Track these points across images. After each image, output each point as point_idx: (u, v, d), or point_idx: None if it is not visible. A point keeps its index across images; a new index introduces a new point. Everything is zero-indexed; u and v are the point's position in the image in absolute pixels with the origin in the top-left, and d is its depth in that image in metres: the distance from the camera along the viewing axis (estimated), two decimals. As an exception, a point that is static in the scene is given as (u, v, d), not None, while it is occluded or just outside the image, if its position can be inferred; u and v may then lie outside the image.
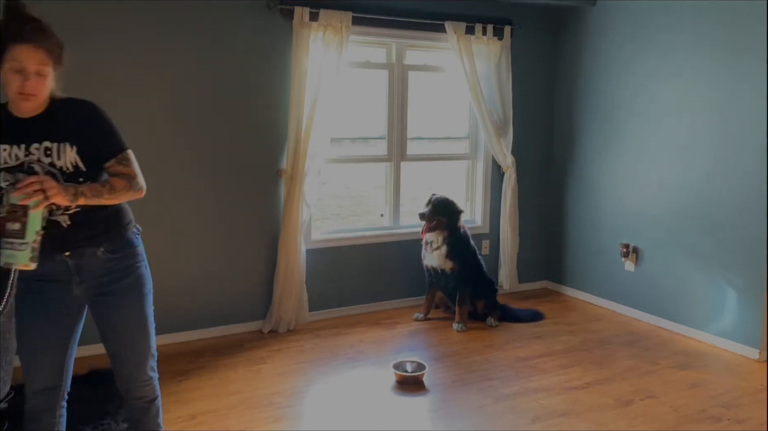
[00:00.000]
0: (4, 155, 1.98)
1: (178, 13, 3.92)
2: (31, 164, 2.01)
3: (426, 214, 4.43)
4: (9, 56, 1.93)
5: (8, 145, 1.99)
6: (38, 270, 1.98)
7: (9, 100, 2.01)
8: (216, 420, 3.13)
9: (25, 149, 2.01)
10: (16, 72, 1.94)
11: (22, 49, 1.95)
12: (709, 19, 4.16)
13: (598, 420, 3.19)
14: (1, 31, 1.94)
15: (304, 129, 4.21)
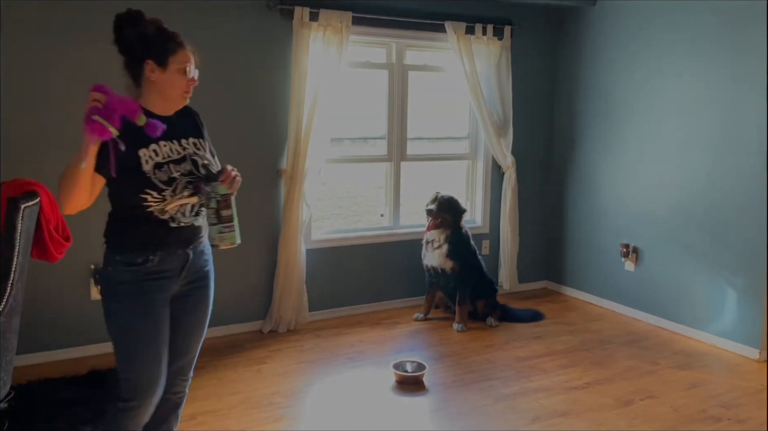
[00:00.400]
0: (166, 150, 2.11)
1: (178, 13, 3.91)
2: (192, 157, 2.19)
3: (433, 210, 4.44)
4: (176, 59, 2.15)
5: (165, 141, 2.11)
6: (161, 265, 2.10)
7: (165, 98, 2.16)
8: (216, 420, 3.12)
9: (179, 144, 2.17)
10: (182, 73, 2.16)
11: (185, 53, 2.19)
12: (710, 19, 4.16)
13: (598, 420, 3.19)
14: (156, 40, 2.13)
15: (304, 129, 4.21)
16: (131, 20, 2.13)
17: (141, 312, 2.09)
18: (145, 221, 2.07)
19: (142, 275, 2.08)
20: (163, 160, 2.09)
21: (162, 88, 2.14)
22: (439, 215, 4.45)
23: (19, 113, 3.58)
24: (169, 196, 2.08)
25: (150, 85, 2.12)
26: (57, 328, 3.78)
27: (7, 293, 2.44)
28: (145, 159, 2.05)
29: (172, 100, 2.18)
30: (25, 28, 3.54)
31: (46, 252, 2.76)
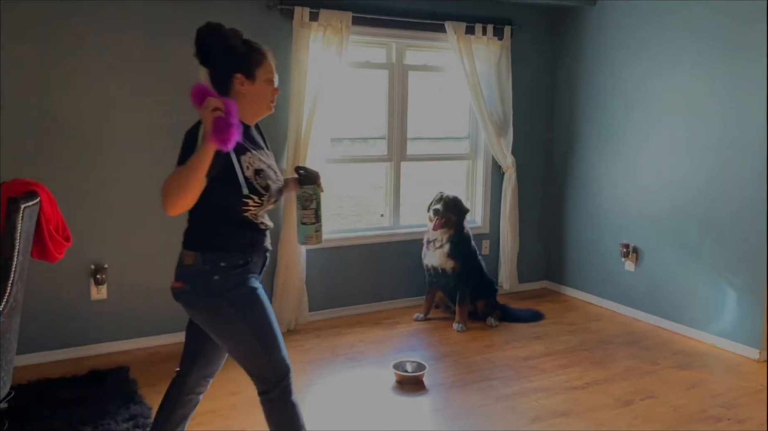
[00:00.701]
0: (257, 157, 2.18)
1: (178, 13, 3.92)
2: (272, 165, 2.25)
3: (440, 210, 4.44)
4: (263, 70, 2.19)
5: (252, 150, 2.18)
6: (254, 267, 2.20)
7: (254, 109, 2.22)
8: (216, 420, 3.12)
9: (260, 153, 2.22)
10: (269, 83, 2.21)
11: (269, 63, 2.23)
12: (709, 19, 4.16)
13: (598, 420, 3.19)
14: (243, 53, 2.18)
15: (304, 129, 4.21)
16: (213, 33, 2.19)
17: (258, 306, 2.18)
18: (244, 225, 2.16)
19: (245, 276, 2.17)
20: (259, 167, 2.16)
21: (252, 100, 2.20)
22: (446, 215, 4.45)
23: (19, 113, 3.58)
24: (266, 200, 2.18)
25: (240, 97, 2.16)
26: (57, 328, 3.78)
27: (7, 293, 2.44)
28: (246, 165, 2.12)
29: (260, 110, 2.25)
30: (25, 28, 3.54)
31: (46, 252, 2.76)
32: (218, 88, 2.15)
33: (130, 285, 3.96)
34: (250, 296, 2.16)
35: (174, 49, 3.93)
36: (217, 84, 2.17)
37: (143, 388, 3.40)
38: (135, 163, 3.90)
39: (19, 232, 2.47)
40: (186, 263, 2.14)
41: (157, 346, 4.03)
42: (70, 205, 3.56)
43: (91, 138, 3.77)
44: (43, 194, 2.71)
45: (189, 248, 2.15)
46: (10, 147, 3.55)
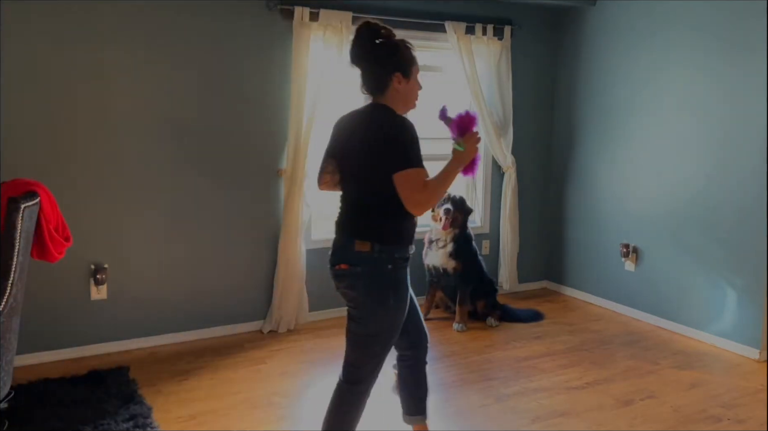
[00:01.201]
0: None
1: (178, 13, 3.92)
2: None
3: (451, 209, 4.44)
4: (416, 68, 2.39)
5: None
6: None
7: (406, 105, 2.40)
8: (216, 420, 3.13)
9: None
10: (418, 81, 2.41)
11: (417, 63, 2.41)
12: (709, 19, 4.16)
13: (598, 420, 3.19)
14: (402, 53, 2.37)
15: (304, 129, 4.21)
16: (375, 33, 2.32)
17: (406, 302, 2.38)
18: (411, 221, 2.35)
19: (407, 269, 2.36)
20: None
21: (404, 97, 2.36)
22: (454, 214, 4.45)
23: (19, 113, 3.58)
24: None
25: (395, 94, 2.33)
26: (57, 328, 3.78)
27: (7, 293, 2.44)
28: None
29: (409, 106, 2.40)
30: (26, 28, 3.54)
31: (46, 252, 2.77)
32: (373, 86, 2.32)
33: (130, 285, 3.96)
34: (407, 290, 2.37)
35: (175, 49, 3.93)
36: (373, 82, 2.32)
37: (143, 388, 3.40)
38: (135, 163, 3.90)
39: (19, 232, 2.48)
40: (358, 249, 2.26)
41: (157, 346, 4.04)
42: (70, 205, 3.56)
43: (91, 138, 3.77)
44: (43, 194, 2.71)
45: (363, 238, 2.27)
46: (10, 147, 3.55)
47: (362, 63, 2.33)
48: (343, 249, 2.31)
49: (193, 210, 4.10)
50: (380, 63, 2.30)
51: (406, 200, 2.19)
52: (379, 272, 2.27)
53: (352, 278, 2.29)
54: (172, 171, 4.01)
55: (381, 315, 2.31)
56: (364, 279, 2.28)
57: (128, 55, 3.81)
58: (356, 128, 2.34)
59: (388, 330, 2.35)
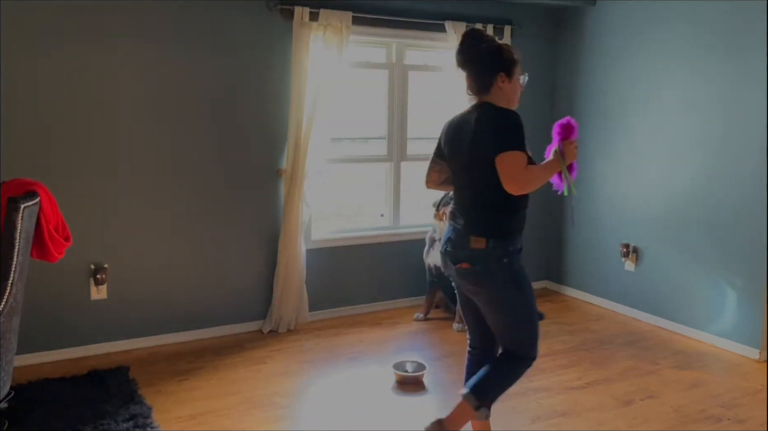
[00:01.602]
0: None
1: (178, 13, 3.92)
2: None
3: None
4: (518, 69, 2.55)
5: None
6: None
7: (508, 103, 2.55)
8: (216, 420, 3.12)
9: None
10: (519, 81, 2.58)
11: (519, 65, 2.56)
12: (710, 19, 4.16)
13: (598, 420, 3.19)
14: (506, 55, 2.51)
15: (304, 129, 4.21)
16: (481, 37, 2.52)
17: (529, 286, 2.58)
18: (522, 214, 2.59)
19: (522, 259, 2.57)
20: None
21: (507, 96, 2.54)
22: None
23: (19, 113, 3.58)
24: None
25: (499, 93, 2.51)
26: (57, 328, 3.78)
27: (7, 293, 2.44)
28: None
29: (512, 104, 2.57)
30: (25, 28, 3.54)
31: (46, 253, 2.77)
32: (479, 87, 2.50)
33: (130, 285, 3.96)
34: (526, 277, 2.57)
35: (175, 49, 3.93)
36: (479, 82, 2.50)
37: (143, 388, 3.40)
38: (135, 163, 3.90)
39: (19, 232, 2.48)
40: (475, 247, 2.46)
41: (157, 346, 4.03)
42: (70, 205, 3.56)
43: (91, 138, 3.77)
44: (43, 194, 2.71)
45: (479, 234, 2.46)
46: (10, 147, 3.55)
47: (469, 66, 2.51)
48: (461, 245, 2.51)
49: (193, 210, 4.10)
50: (485, 65, 2.49)
51: (505, 177, 2.36)
52: (496, 268, 2.48)
53: (475, 277, 2.50)
54: (172, 170, 4.01)
55: (509, 304, 2.53)
56: (484, 277, 2.49)
57: (128, 55, 3.81)
58: (464, 125, 2.52)
59: (523, 309, 2.55)
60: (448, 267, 2.62)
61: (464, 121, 2.54)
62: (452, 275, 2.62)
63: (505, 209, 2.50)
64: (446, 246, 2.60)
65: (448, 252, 2.58)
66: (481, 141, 2.43)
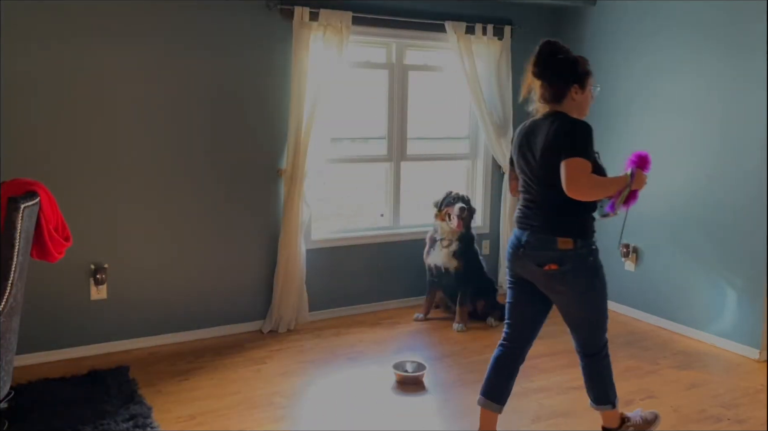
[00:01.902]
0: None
1: (178, 13, 3.92)
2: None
3: (465, 208, 4.43)
4: (591, 80, 2.67)
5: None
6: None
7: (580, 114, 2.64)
8: (216, 420, 3.13)
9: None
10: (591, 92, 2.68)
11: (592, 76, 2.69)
12: (710, 19, 4.16)
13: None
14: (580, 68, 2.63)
15: (304, 129, 4.21)
16: (558, 49, 2.65)
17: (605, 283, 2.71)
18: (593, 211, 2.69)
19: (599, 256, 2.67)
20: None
21: (579, 106, 2.63)
22: (468, 214, 4.46)
23: (19, 113, 3.58)
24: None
25: (571, 103, 2.61)
26: (57, 328, 3.78)
27: (7, 293, 2.44)
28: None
29: (583, 114, 2.66)
30: (25, 27, 3.54)
31: (46, 252, 2.76)
32: (553, 96, 2.60)
33: (130, 285, 3.96)
34: (604, 274, 2.68)
35: (174, 49, 3.93)
36: (552, 92, 2.60)
37: (143, 388, 3.40)
38: (135, 163, 3.90)
39: (19, 232, 2.47)
40: (562, 248, 2.56)
41: (157, 346, 4.03)
42: (70, 205, 3.56)
43: (91, 138, 3.77)
44: (43, 194, 2.71)
45: (565, 235, 2.56)
46: (10, 147, 3.55)
47: (544, 76, 2.62)
48: (546, 247, 2.58)
49: (193, 210, 4.10)
50: (560, 76, 2.60)
51: (569, 181, 2.43)
52: (585, 266, 2.60)
53: (562, 276, 2.58)
54: (172, 170, 4.01)
55: (591, 299, 2.66)
56: (573, 276, 2.58)
57: (128, 55, 3.81)
58: (537, 132, 2.60)
59: (601, 305, 2.71)
60: (525, 269, 2.67)
61: (537, 127, 2.61)
62: (528, 275, 2.68)
63: (586, 209, 2.62)
64: (523, 249, 2.64)
65: (528, 255, 2.63)
66: (553, 148, 2.51)
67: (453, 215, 4.41)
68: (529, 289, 2.71)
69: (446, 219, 4.48)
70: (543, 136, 2.55)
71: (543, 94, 2.63)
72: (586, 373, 2.82)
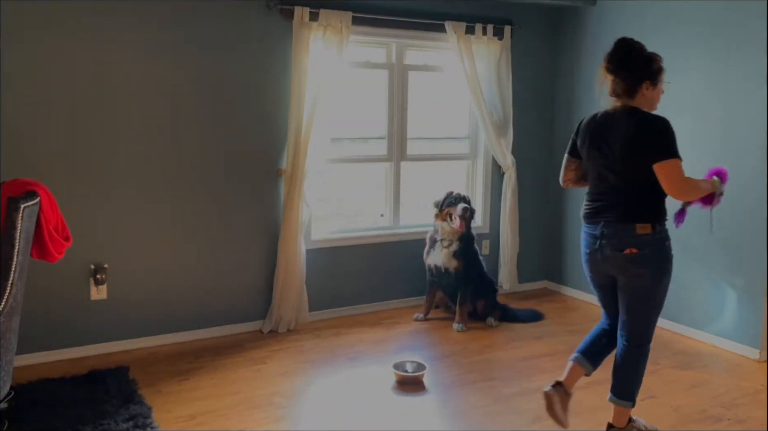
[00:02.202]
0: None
1: (178, 13, 3.92)
2: None
3: (468, 209, 4.44)
4: (662, 77, 2.79)
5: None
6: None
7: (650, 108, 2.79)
8: (216, 420, 3.13)
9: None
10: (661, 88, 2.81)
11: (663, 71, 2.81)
12: (710, 19, 4.16)
13: (598, 420, 3.18)
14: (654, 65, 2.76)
15: (304, 129, 4.21)
16: (633, 47, 2.77)
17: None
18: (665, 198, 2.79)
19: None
20: None
21: (650, 101, 2.78)
22: (469, 214, 4.46)
23: (19, 113, 3.58)
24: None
25: (642, 98, 2.75)
26: (57, 328, 3.78)
27: (7, 293, 2.44)
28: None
29: (652, 109, 2.80)
30: (25, 27, 3.54)
31: (46, 253, 2.77)
32: (625, 91, 2.75)
33: (130, 285, 3.96)
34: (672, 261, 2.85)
35: (174, 49, 3.93)
36: (625, 87, 2.75)
37: (143, 388, 3.40)
38: (135, 163, 3.90)
39: (19, 232, 2.48)
40: (641, 233, 2.71)
41: (157, 346, 4.03)
42: (70, 204, 3.56)
43: (91, 138, 3.77)
44: (43, 194, 2.71)
45: (643, 221, 2.72)
46: (10, 147, 3.55)
47: (619, 72, 2.76)
48: (624, 234, 2.73)
49: (193, 210, 4.10)
50: (634, 73, 2.73)
51: (672, 185, 2.63)
52: (662, 249, 2.79)
53: (641, 260, 2.73)
54: (172, 170, 4.01)
55: (663, 285, 2.83)
56: (651, 259, 2.75)
57: (128, 55, 3.81)
58: (614, 126, 2.74)
59: (665, 293, 2.85)
60: (604, 259, 2.79)
61: (612, 121, 2.76)
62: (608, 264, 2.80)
63: (661, 196, 2.73)
64: (601, 240, 2.78)
65: (606, 244, 2.76)
66: (640, 142, 2.66)
67: (455, 215, 4.41)
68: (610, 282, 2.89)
69: (447, 220, 4.48)
70: (622, 130, 2.69)
71: (615, 89, 2.78)
72: (623, 362, 2.89)
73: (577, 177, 2.98)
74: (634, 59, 2.74)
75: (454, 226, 4.44)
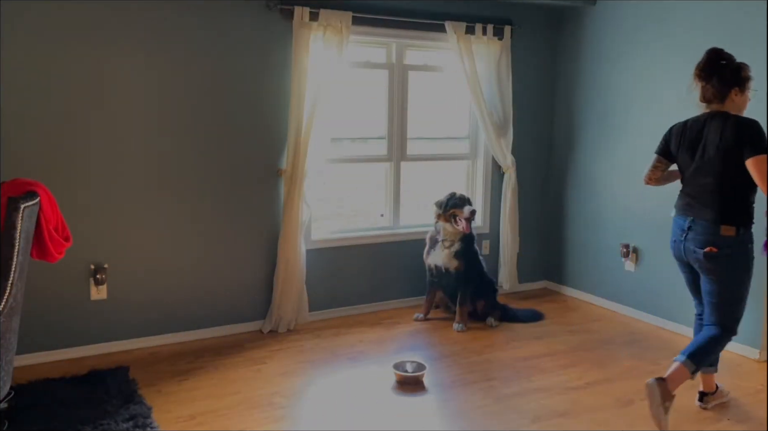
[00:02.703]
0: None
1: (178, 13, 3.92)
2: None
3: (474, 209, 4.44)
4: (750, 84, 3.01)
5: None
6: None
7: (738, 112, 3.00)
8: (216, 420, 3.13)
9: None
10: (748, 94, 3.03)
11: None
12: (709, 19, 4.16)
13: (598, 420, 3.19)
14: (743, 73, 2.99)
15: (304, 129, 4.21)
16: (722, 56, 2.98)
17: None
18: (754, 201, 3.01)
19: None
20: None
21: (738, 106, 3.01)
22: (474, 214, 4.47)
23: (20, 113, 3.58)
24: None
25: (731, 104, 2.99)
26: (57, 328, 3.78)
27: (7, 293, 2.44)
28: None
29: (741, 113, 3.01)
30: (25, 27, 3.54)
31: (46, 253, 2.77)
32: (715, 97, 2.98)
33: (130, 285, 3.96)
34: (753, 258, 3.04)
35: (174, 49, 3.93)
36: (716, 93, 2.98)
37: (143, 388, 3.40)
38: (135, 163, 3.90)
39: (19, 232, 2.48)
40: (725, 234, 2.93)
41: (157, 346, 4.04)
42: (70, 205, 3.56)
43: (91, 138, 3.77)
44: (43, 194, 2.71)
45: (728, 223, 2.94)
46: (10, 147, 3.55)
47: (710, 79, 2.97)
48: (708, 233, 2.98)
49: (193, 210, 4.10)
50: (724, 80, 2.96)
51: (762, 178, 2.80)
52: (743, 251, 2.98)
53: (723, 259, 2.96)
54: (172, 170, 4.01)
55: (740, 283, 3.03)
56: (729, 259, 2.96)
57: (128, 55, 3.81)
58: (710, 129, 2.99)
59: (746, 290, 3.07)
60: (688, 252, 3.10)
61: (707, 124, 3.00)
62: (690, 256, 3.09)
63: (747, 200, 2.96)
64: (687, 233, 3.07)
65: (691, 239, 3.05)
66: (736, 141, 2.88)
67: (462, 218, 4.40)
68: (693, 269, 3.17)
69: (451, 221, 4.47)
70: (718, 132, 2.94)
71: (705, 95, 3.01)
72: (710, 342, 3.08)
73: (662, 176, 3.26)
74: (723, 68, 2.96)
75: (459, 228, 4.44)
